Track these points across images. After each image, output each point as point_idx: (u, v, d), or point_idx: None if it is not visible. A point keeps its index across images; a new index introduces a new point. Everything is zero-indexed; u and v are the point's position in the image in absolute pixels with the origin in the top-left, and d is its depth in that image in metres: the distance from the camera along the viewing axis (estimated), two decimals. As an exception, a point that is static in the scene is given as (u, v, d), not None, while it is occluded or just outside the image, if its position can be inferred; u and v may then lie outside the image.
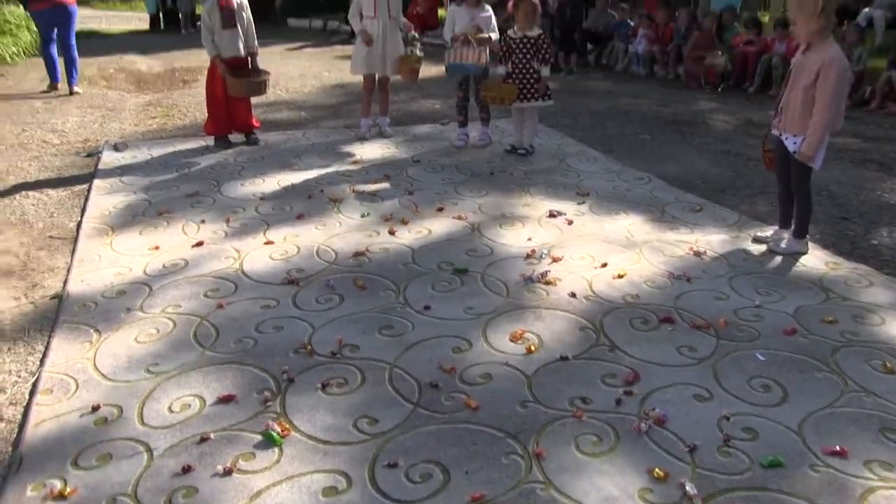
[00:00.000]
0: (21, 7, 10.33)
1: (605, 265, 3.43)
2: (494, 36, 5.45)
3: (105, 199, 4.32)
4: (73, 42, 7.64)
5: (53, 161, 5.17)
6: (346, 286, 3.18)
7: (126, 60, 9.78)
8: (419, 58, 5.62)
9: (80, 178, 4.74)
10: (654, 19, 9.83)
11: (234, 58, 5.24)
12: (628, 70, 9.90)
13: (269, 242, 3.67)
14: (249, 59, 5.36)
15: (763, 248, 3.71)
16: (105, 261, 3.45)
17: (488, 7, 5.61)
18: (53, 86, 7.83)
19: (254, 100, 7.63)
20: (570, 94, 8.12)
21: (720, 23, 9.19)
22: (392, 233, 3.81)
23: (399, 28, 5.68)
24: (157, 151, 5.28)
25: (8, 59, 9.03)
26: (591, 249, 3.62)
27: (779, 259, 3.56)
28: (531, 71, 5.28)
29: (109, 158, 5.17)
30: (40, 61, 8.27)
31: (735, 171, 5.15)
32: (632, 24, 10.20)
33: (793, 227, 3.71)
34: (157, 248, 3.60)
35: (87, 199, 4.32)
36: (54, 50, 7.69)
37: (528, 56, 5.26)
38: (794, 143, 3.55)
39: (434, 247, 3.63)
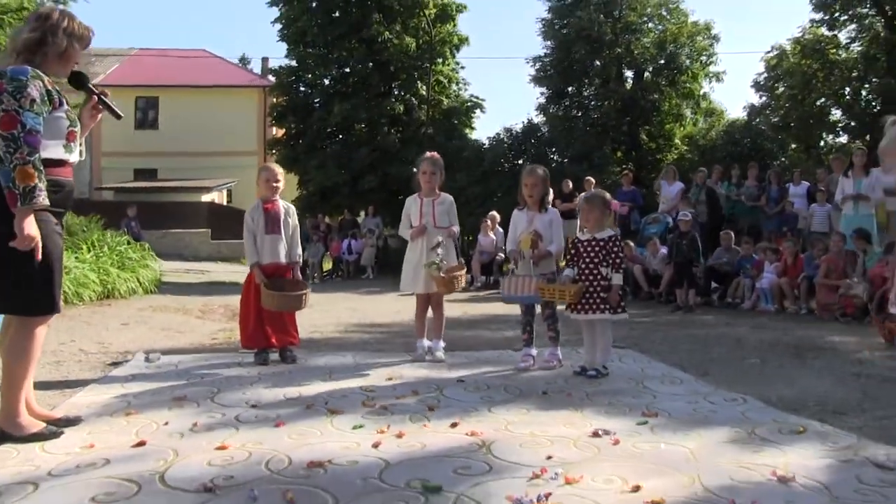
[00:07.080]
0: (145, 244, 11.42)
1: (636, 489, 2.42)
2: (554, 248, 4.82)
3: (86, 398, 3.84)
4: None
5: (72, 367, 4.82)
6: (271, 499, 2.40)
7: (235, 299, 9.84)
8: (438, 266, 4.84)
9: (85, 381, 4.33)
10: (780, 251, 8.94)
11: (273, 264, 4.95)
12: (756, 307, 8.82)
13: (221, 447, 2.97)
14: (292, 269, 5.06)
15: (893, 477, 2.53)
16: (22, 456, 2.86)
17: (553, 209, 4.96)
18: None
19: (324, 319, 7.42)
20: (677, 328, 7.16)
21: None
22: (376, 445, 3.00)
23: (451, 240, 5.10)
24: (186, 364, 4.87)
25: (121, 293, 9.28)
26: (625, 470, 2.61)
27: (917, 494, 2.38)
28: (599, 278, 4.57)
29: (131, 366, 4.77)
30: (153, 299, 9.49)
31: (865, 392, 3.97)
32: (756, 258, 9.30)
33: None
34: (91, 445, 2.99)
35: (68, 398, 3.87)
36: None
37: (597, 260, 4.59)
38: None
39: (417, 462, 2.77)
